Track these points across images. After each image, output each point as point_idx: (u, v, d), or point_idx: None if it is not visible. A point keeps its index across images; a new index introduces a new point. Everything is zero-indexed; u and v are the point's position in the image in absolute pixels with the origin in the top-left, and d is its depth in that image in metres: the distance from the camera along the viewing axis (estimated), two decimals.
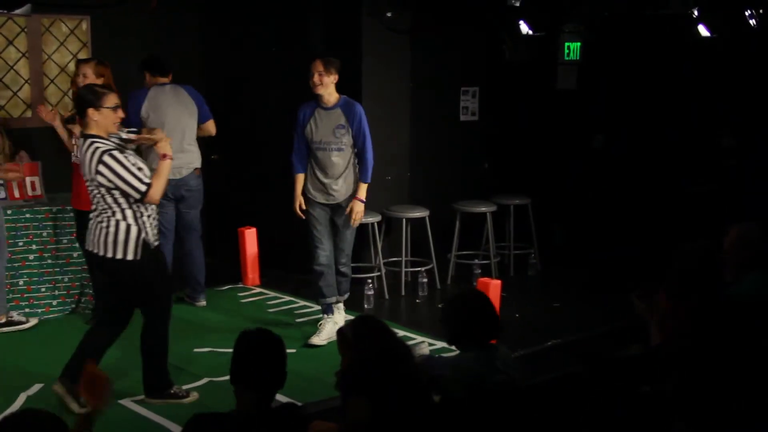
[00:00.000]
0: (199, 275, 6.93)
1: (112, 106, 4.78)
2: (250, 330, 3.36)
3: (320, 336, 6.18)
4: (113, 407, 4.94)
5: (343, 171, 6.12)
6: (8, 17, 7.25)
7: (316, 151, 6.12)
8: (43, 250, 6.55)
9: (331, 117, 6.09)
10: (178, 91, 6.73)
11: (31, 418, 2.59)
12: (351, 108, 6.12)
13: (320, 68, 6.04)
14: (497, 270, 7.84)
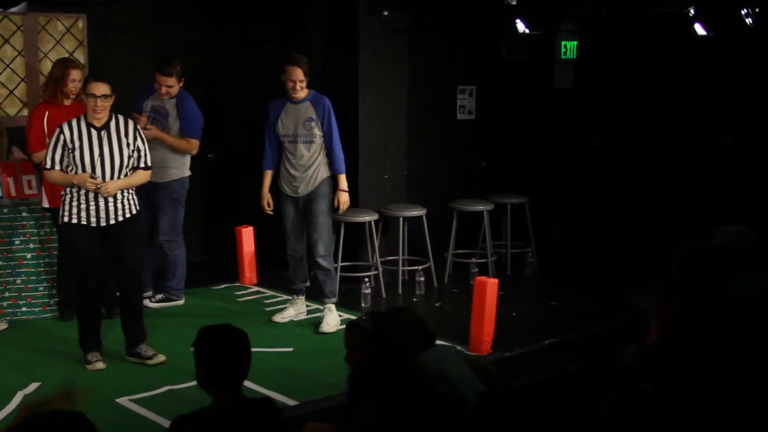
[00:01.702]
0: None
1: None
2: (207, 327, 3.34)
3: (283, 314, 6.57)
4: (111, 406, 4.96)
5: (311, 163, 6.28)
6: (4, 15, 7.23)
7: (286, 144, 6.33)
8: (41, 249, 6.54)
9: (300, 110, 6.27)
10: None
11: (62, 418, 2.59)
12: (319, 101, 6.28)
13: (301, 77, 6.20)
14: (494, 268, 7.85)
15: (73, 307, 6.10)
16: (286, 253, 6.50)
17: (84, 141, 5.35)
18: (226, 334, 3.29)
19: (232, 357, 3.23)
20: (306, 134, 6.25)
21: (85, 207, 5.39)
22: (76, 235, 5.42)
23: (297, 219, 6.42)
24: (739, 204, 7.27)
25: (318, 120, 6.24)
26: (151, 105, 6.65)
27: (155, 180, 6.62)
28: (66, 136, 5.34)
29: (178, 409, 4.80)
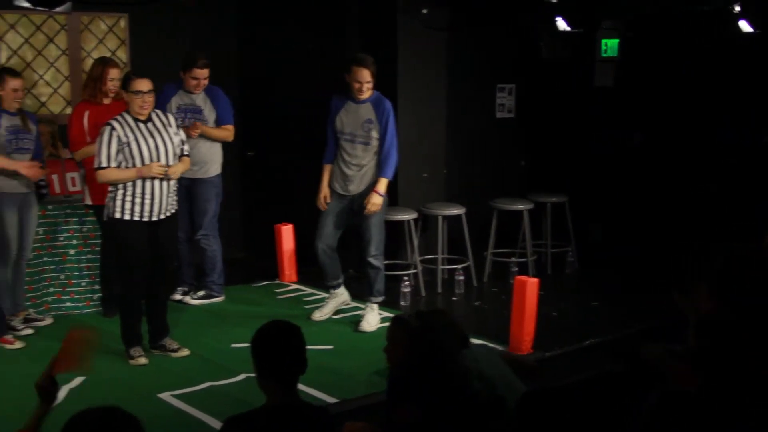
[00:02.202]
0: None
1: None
2: (266, 324, 3.32)
3: (322, 311, 6.53)
4: (152, 401, 5.01)
5: (364, 165, 6.23)
6: (49, 15, 7.33)
7: (343, 142, 6.26)
8: (84, 245, 6.63)
9: (360, 111, 6.21)
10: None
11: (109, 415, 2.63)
12: (381, 104, 6.22)
13: (368, 78, 6.13)
14: (534, 268, 7.80)
15: (116, 302, 6.19)
16: (317, 246, 6.41)
17: (137, 134, 5.44)
18: (283, 330, 3.26)
19: (288, 354, 3.20)
20: (363, 135, 6.19)
21: (139, 202, 5.45)
22: (126, 230, 5.48)
23: (340, 216, 6.36)
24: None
25: (377, 123, 6.17)
26: (177, 105, 6.66)
27: (198, 176, 6.69)
28: (119, 132, 5.41)
29: (218, 406, 4.89)
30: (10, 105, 5.97)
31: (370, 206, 6.22)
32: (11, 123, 5.99)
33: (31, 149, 6.10)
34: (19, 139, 6.02)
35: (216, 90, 6.80)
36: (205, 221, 6.82)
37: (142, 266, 5.54)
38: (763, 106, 7.75)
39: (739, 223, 6.88)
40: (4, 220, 5.99)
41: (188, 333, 6.17)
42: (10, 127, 5.98)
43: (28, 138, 6.08)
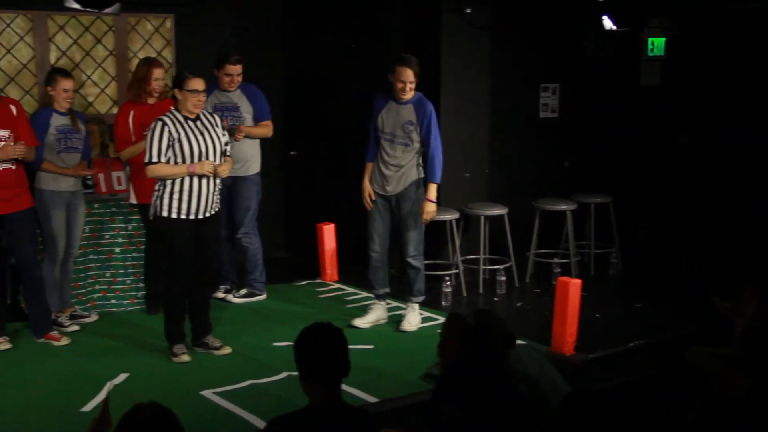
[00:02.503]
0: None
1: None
2: (308, 326, 3.31)
3: (364, 319, 6.42)
4: (194, 398, 5.06)
5: (403, 165, 6.18)
6: (97, 16, 7.44)
7: (383, 141, 6.23)
8: (129, 243, 6.71)
9: (401, 112, 6.16)
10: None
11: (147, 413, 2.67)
12: (422, 106, 6.16)
13: (411, 78, 6.08)
14: (577, 269, 7.73)
15: (160, 300, 6.26)
16: (371, 253, 6.39)
17: (187, 132, 5.51)
18: (326, 333, 3.25)
19: (331, 357, 3.20)
20: (403, 136, 6.14)
21: (186, 200, 5.51)
22: (172, 228, 5.54)
23: (383, 218, 6.31)
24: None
25: (417, 125, 6.10)
26: (213, 104, 6.69)
27: (240, 174, 6.74)
28: (170, 128, 5.47)
29: (259, 404, 4.92)
30: (61, 105, 6.07)
31: (425, 215, 6.18)
32: (61, 122, 6.09)
33: (79, 149, 6.20)
34: (68, 139, 6.12)
35: (251, 87, 6.84)
36: (246, 219, 6.87)
37: (186, 264, 5.60)
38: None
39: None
40: (51, 218, 6.09)
41: (230, 331, 6.22)
42: (61, 126, 6.08)
43: (77, 137, 6.18)
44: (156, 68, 6.47)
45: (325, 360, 3.19)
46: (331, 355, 3.20)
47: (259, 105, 6.82)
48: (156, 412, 2.70)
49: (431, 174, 6.17)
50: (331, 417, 3.17)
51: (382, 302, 6.51)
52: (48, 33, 7.34)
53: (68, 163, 6.13)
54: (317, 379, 3.19)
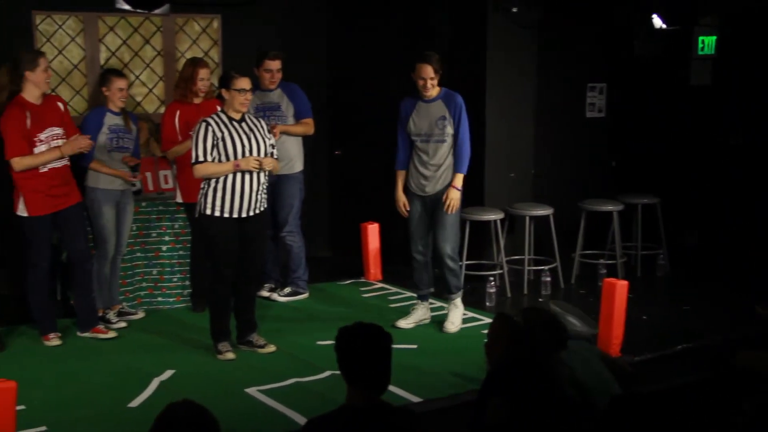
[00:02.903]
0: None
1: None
2: (349, 327, 3.26)
3: (407, 319, 6.39)
4: (239, 396, 5.09)
5: (442, 162, 6.15)
6: (146, 17, 7.53)
7: (418, 143, 6.20)
8: (175, 242, 6.79)
9: (432, 109, 6.14)
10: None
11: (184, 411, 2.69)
12: (451, 99, 6.15)
13: (431, 74, 6.07)
14: (624, 270, 7.63)
15: (205, 298, 6.32)
16: (415, 257, 6.37)
17: (232, 131, 5.55)
18: (368, 335, 3.20)
19: (372, 359, 3.16)
20: (438, 134, 6.11)
21: (230, 198, 5.55)
22: (216, 226, 5.58)
23: (423, 219, 6.28)
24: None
25: (450, 118, 6.10)
26: (254, 105, 6.72)
27: (284, 172, 6.77)
28: (214, 128, 5.52)
29: (303, 402, 4.94)
30: (116, 104, 6.17)
31: (449, 201, 6.12)
32: (114, 122, 6.19)
33: (130, 148, 6.29)
34: (120, 138, 6.21)
35: (291, 85, 6.87)
36: (290, 218, 6.90)
37: (230, 262, 5.64)
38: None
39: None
40: (102, 216, 6.19)
41: (275, 329, 6.25)
42: (113, 126, 6.18)
43: (128, 137, 6.27)
44: (201, 68, 6.54)
45: (366, 362, 3.15)
46: (372, 357, 3.16)
47: (299, 103, 6.84)
48: (190, 410, 2.71)
49: (459, 164, 6.14)
50: (370, 417, 3.15)
51: (425, 302, 6.49)
52: (98, 34, 7.44)
53: (118, 163, 6.22)
54: (355, 380, 3.17)
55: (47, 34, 7.25)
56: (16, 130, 5.63)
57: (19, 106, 5.69)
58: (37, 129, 5.70)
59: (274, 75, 6.72)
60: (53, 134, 5.79)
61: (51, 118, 5.80)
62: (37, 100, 5.76)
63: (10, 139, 5.65)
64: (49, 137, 5.77)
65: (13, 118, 5.65)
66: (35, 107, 5.74)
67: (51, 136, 5.78)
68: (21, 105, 5.69)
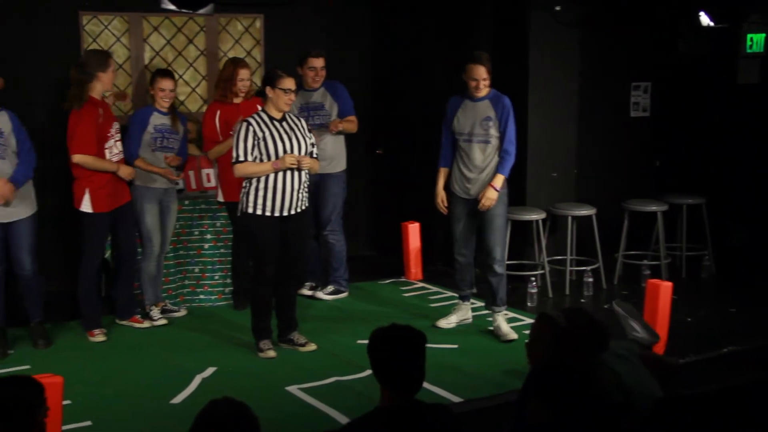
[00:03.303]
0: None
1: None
2: (380, 328, 3.25)
3: (448, 319, 6.35)
4: (280, 394, 5.12)
5: (486, 165, 6.05)
6: (190, 17, 7.60)
7: (461, 143, 6.12)
8: (217, 240, 6.84)
9: (478, 109, 6.06)
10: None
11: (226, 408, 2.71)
12: (499, 101, 6.05)
13: (484, 75, 5.97)
14: (668, 271, 7.53)
15: (247, 296, 6.36)
16: (454, 257, 6.32)
17: (272, 131, 5.58)
18: (402, 337, 3.19)
19: (405, 361, 3.15)
20: (482, 134, 6.01)
21: (271, 197, 5.58)
22: (258, 224, 5.61)
23: (467, 222, 6.17)
24: None
25: (496, 120, 5.99)
26: (298, 105, 6.73)
27: (327, 171, 6.79)
28: (255, 127, 5.55)
29: (344, 400, 4.95)
30: (160, 104, 6.24)
31: (485, 200, 5.98)
32: (161, 122, 6.26)
33: (175, 148, 6.34)
34: (165, 138, 6.28)
35: (334, 84, 6.88)
36: (333, 216, 6.92)
37: (272, 261, 5.66)
38: None
39: None
40: (146, 214, 6.27)
41: (315, 328, 6.27)
42: (159, 126, 6.25)
43: (174, 138, 6.33)
44: (242, 69, 6.58)
45: (399, 364, 3.14)
46: (405, 359, 3.15)
47: (343, 101, 6.85)
48: (231, 407, 2.73)
49: (501, 165, 6.03)
50: (406, 417, 3.15)
51: (467, 302, 6.44)
52: (143, 34, 7.53)
53: (162, 162, 6.28)
54: (387, 381, 3.16)
55: (93, 34, 7.35)
56: (88, 128, 5.83)
57: (92, 104, 5.89)
58: (108, 126, 5.95)
59: (318, 73, 6.74)
60: (117, 128, 6.07)
61: (112, 114, 6.08)
62: (101, 98, 6.01)
63: (79, 135, 5.82)
64: (116, 131, 6.04)
65: (88, 116, 5.85)
66: (104, 104, 6.00)
67: (117, 130, 6.06)
68: (94, 103, 5.90)
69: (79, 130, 5.81)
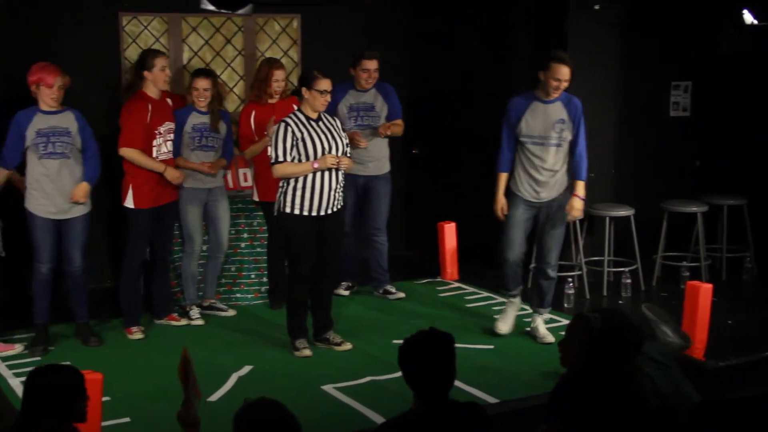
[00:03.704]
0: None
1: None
2: (412, 336, 3.30)
3: (506, 323, 6.18)
4: (315, 393, 5.13)
5: (557, 168, 5.91)
6: (228, 17, 7.65)
7: (529, 146, 5.89)
8: (253, 239, 6.88)
9: (549, 111, 5.86)
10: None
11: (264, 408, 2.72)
12: (571, 102, 5.89)
13: (567, 76, 5.76)
14: (708, 273, 7.43)
15: (282, 295, 6.39)
16: (503, 257, 6.07)
17: (311, 131, 5.60)
18: (431, 342, 3.23)
19: (436, 366, 3.19)
20: (556, 137, 5.83)
21: (308, 197, 5.60)
22: (295, 224, 5.64)
23: (526, 226, 6.02)
24: None
25: (570, 122, 5.84)
26: (348, 105, 6.73)
27: (374, 173, 6.81)
28: (293, 128, 5.58)
29: (379, 400, 4.95)
30: (197, 103, 6.29)
31: (574, 212, 5.89)
32: (200, 121, 6.31)
33: (214, 147, 6.37)
34: (204, 137, 6.32)
35: (386, 86, 6.88)
36: (379, 217, 6.93)
37: (308, 260, 5.68)
38: None
39: None
40: (187, 213, 6.35)
41: (351, 327, 6.28)
42: (198, 125, 6.30)
43: (213, 137, 6.36)
44: (277, 70, 6.60)
45: (429, 370, 3.17)
46: (435, 365, 3.18)
47: (393, 104, 6.85)
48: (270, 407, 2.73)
49: (579, 171, 5.90)
50: (439, 418, 3.16)
51: (516, 300, 6.23)
52: (182, 34, 7.60)
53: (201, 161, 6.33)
54: (419, 387, 3.19)
55: (133, 34, 7.43)
56: (136, 122, 5.97)
57: (142, 99, 6.05)
58: (157, 122, 6.05)
59: (371, 75, 6.70)
60: (169, 128, 6.14)
61: (166, 113, 6.15)
62: (156, 96, 6.10)
63: (127, 129, 5.97)
64: (166, 131, 6.11)
65: (136, 110, 5.99)
66: (155, 102, 6.08)
67: (168, 130, 6.13)
68: (143, 98, 6.05)
69: (126, 125, 5.99)
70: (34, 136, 5.65)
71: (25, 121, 5.67)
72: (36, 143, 5.66)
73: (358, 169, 6.65)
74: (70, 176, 5.75)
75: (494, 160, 6.11)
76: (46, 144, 5.66)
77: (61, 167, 5.71)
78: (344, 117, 6.69)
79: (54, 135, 5.68)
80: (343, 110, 6.71)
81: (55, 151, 5.68)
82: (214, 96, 6.35)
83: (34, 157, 5.69)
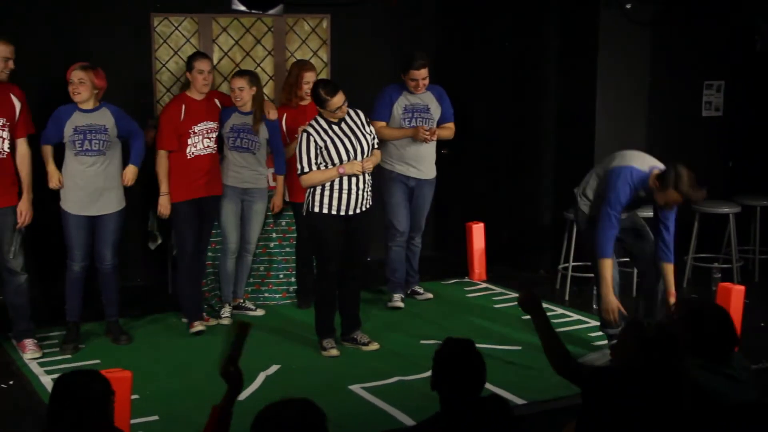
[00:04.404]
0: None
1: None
2: (442, 345, 3.37)
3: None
4: (342, 393, 5.13)
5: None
6: (258, 18, 7.69)
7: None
8: (282, 239, 6.90)
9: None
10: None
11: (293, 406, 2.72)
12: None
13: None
14: (740, 275, 7.34)
15: (310, 294, 6.40)
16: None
17: (333, 137, 5.58)
18: (461, 352, 3.30)
19: (468, 376, 3.25)
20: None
21: (337, 197, 5.60)
22: (323, 223, 5.64)
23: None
24: None
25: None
26: (404, 105, 6.68)
27: (424, 177, 6.79)
28: (315, 137, 5.57)
29: (407, 400, 4.94)
30: (236, 103, 6.33)
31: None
32: (240, 121, 6.33)
33: (249, 149, 6.34)
34: (240, 138, 6.33)
35: (439, 88, 6.84)
36: (423, 220, 6.97)
37: (336, 260, 5.69)
38: None
39: None
40: (222, 210, 6.39)
41: (378, 327, 6.28)
42: (237, 125, 6.32)
43: (249, 139, 6.34)
44: (307, 72, 6.58)
45: (461, 380, 3.23)
46: (467, 374, 3.24)
47: (446, 107, 6.82)
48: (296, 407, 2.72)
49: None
50: (465, 419, 3.17)
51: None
52: (212, 34, 7.64)
53: (239, 162, 6.34)
54: (451, 393, 3.23)
55: (164, 35, 7.49)
56: (168, 123, 6.08)
57: (176, 101, 6.19)
58: (192, 122, 6.10)
59: (420, 84, 6.61)
60: (207, 128, 6.16)
61: (209, 113, 6.18)
62: (198, 96, 6.17)
63: (161, 131, 6.11)
64: (203, 130, 6.13)
65: (168, 112, 6.15)
66: (194, 102, 6.15)
67: (205, 129, 6.14)
68: (179, 100, 6.18)
69: (160, 125, 6.13)
70: (72, 133, 5.74)
71: (65, 117, 5.77)
72: (73, 140, 5.73)
73: (409, 171, 6.68)
74: (104, 173, 5.81)
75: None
76: (83, 141, 5.74)
77: (97, 164, 5.78)
78: (399, 118, 6.68)
79: (91, 132, 5.76)
80: (398, 111, 6.68)
81: (91, 148, 5.76)
82: (254, 97, 6.34)
83: (70, 153, 5.77)
